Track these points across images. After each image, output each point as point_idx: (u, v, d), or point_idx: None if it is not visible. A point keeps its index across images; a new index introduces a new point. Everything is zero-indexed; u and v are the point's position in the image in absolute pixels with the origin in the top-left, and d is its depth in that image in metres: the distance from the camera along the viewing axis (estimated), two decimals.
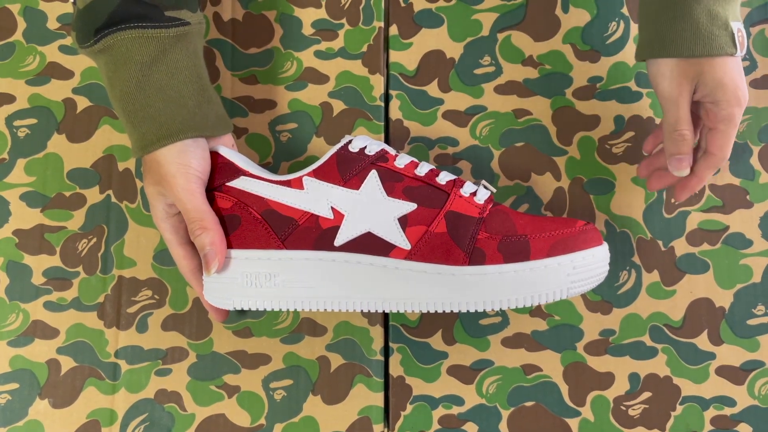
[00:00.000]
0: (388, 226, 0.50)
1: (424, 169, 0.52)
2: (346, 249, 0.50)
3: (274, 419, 0.57)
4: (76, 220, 0.60)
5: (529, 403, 0.58)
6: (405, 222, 0.50)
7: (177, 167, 0.50)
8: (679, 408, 0.58)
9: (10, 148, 0.60)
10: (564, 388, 0.58)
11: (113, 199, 0.60)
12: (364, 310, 0.50)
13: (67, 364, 0.58)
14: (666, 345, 0.58)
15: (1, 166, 0.60)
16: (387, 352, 0.59)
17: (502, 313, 0.59)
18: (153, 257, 0.59)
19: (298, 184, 0.51)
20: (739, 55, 0.53)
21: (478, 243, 0.50)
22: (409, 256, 0.50)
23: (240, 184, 0.51)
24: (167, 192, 0.51)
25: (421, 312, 0.50)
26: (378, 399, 0.58)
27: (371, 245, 0.50)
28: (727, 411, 0.58)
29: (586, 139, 0.61)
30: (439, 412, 0.58)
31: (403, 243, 0.50)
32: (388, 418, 0.58)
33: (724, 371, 0.58)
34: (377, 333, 0.58)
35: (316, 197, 0.51)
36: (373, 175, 0.51)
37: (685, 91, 0.53)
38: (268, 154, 0.61)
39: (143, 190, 0.58)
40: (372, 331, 0.58)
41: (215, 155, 0.52)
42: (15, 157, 0.60)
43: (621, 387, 0.58)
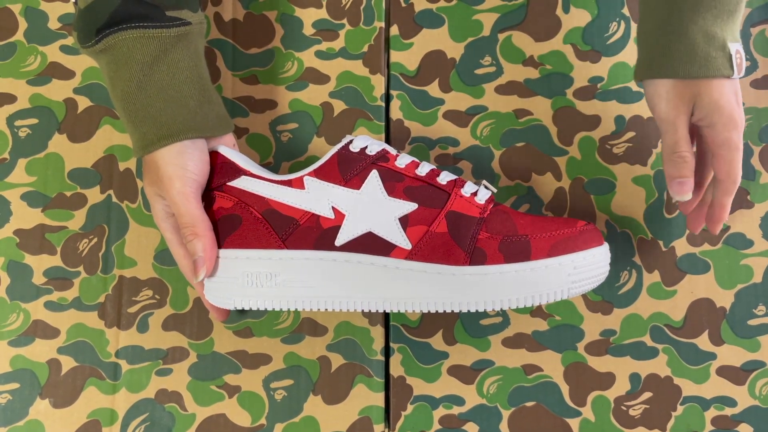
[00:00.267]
0: (389, 226, 0.50)
1: (424, 169, 0.52)
2: (347, 249, 0.50)
3: (274, 419, 0.57)
4: (76, 220, 0.60)
5: (529, 403, 0.58)
6: (406, 222, 0.50)
7: (174, 169, 0.50)
8: (679, 408, 0.58)
9: (11, 148, 0.60)
10: (565, 389, 0.58)
11: (114, 199, 0.60)
12: (364, 310, 0.50)
13: (67, 363, 0.58)
14: (667, 345, 0.58)
15: (2, 166, 0.60)
16: (388, 352, 0.59)
17: (503, 314, 0.59)
18: (154, 257, 0.59)
19: (299, 184, 0.51)
20: (737, 77, 0.52)
21: (479, 243, 0.50)
22: (409, 255, 0.50)
23: (241, 183, 0.51)
24: (163, 194, 0.51)
25: (422, 312, 0.50)
26: (379, 399, 0.58)
27: (372, 245, 0.50)
28: (728, 411, 0.57)
29: (586, 139, 0.61)
30: (440, 412, 0.58)
31: (403, 243, 0.50)
32: (389, 418, 0.58)
33: (724, 371, 0.58)
34: (378, 333, 0.58)
35: (316, 197, 0.51)
36: (373, 175, 0.51)
37: (682, 112, 0.52)
38: (269, 154, 0.61)
39: (144, 190, 0.58)
40: (373, 331, 0.58)
41: (216, 155, 0.52)
42: (16, 157, 0.60)
43: (622, 387, 0.58)
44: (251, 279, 0.51)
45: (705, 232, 0.60)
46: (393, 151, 0.53)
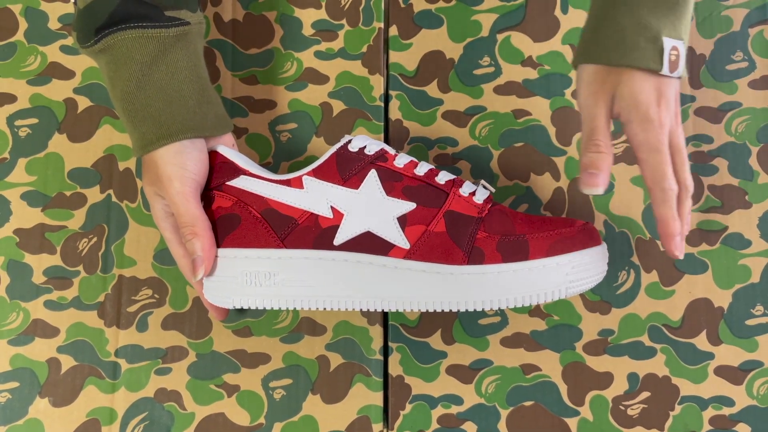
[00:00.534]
0: (388, 226, 0.50)
1: (423, 168, 0.52)
2: (346, 248, 0.50)
3: (273, 418, 0.57)
4: (76, 220, 0.60)
5: (528, 403, 0.58)
6: (404, 221, 0.50)
7: (173, 169, 0.50)
8: (677, 408, 0.58)
9: (11, 147, 0.61)
10: (563, 388, 0.58)
11: (114, 198, 0.60)
12: (363, 309, 0.51)
13: (67, 362, 0.58)
14: (665, 345, 0.58)
15: (2, 165, 0.60)
16: (386, 351, 0.59)
17: (501, 313, 0.59)
18: (153, 256, 0.59)
19: (297, 184, 0.51)
20: (667, 74, 0.49)
21: (477, 242, 0.50)
22: (408, 255, 0.50)
23: (240, 183, 0.52)
24: (162, 193, 0.51)
25: (420, 311, 0.50)
26: (377, 398, 0.58)
27: (370, 244, 0.50)
28: (726, 411, 0.58)
29: None
30: (438, 411, 0.58)
31: (402, 242, 0.50)
32: (388, 417, 0.58)
33: (722, 371, 0.58)
34: (376, 332, 0.58)
35: (315, 196, 0.51)
36: (372, 175, 0.51)
37: (602, 100, 0.50)
38: (268, 154, 0.61)
39: (143, 189, 0.58)
40: (371, 330, 0.58)
41: (215, 155, 0.52)
42: (16, 156, 0.60)
43: (620, 387, 0.58)
44: (250, 278, 0.51)
45: (703, 232, 0.60)
46: (392, 150, 0.53)
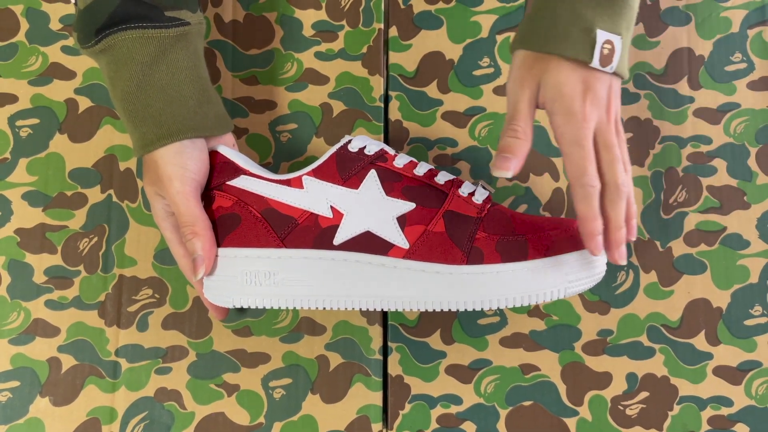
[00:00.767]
0: (387, 226, 0.50)
1: (422, 169, 0.52)
2: (345, 248, 0.51)
3: (273, 418, 0.57)
4: (77, 220, 0.60)
5: (527, 403, 0.58)
6: (404, 221, 0.51)
7: (173, 168, 0.50)
8: (676, 408, 0.58)
9: (13, 147, 0.61)
10: (562, 388, 0.58)
11: (114, 198, 0.60)
12: (362, 309, 0.51)
13: (67, 362, 0.58)
14: (663, 345, 0.59)
15: (4, 165, 0.60)
16: (386, 351, 0.59)
17: (501, 313, 0.59)
18: (154, 256, 0.59)
19: (297, 184, 0.51)
20: (598, 67, 0.47)
21: (476, 242, 0.50)
22: (407, 255, 0.50)
23: (240, 183, 0.52)
24: (163, 193, 0.51)
25: (419, 311, 0.50)
26: (377, 398, 0.58)
27: (370, 244, 0.50)
28: (725, 411, 0.58)
29: None
30: (438, 411, 0.58)
31: (401, 242, 0.50)
32: (387, 417, 0.58)
33: (721, 371, 0.58)
34: (376, 332, 0.59)
35: (315, 196, 0.51)
36: (372, 175, 0.51)
37: (527, 87, 0.49)
38: (269, 154, 0.61)
39: (144, 189, 0.58)
40: (371, 330, 0.59)
41: (215, 154, 0.53)
42: (17, 156, 0.61)
43: (618, 387, 0.58)
44: (250, 277, 0.51)
45: (701, 232, 0.60)
46: (391, 151, 0.53)
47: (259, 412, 0.57)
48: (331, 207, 0.51)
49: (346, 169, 0.51)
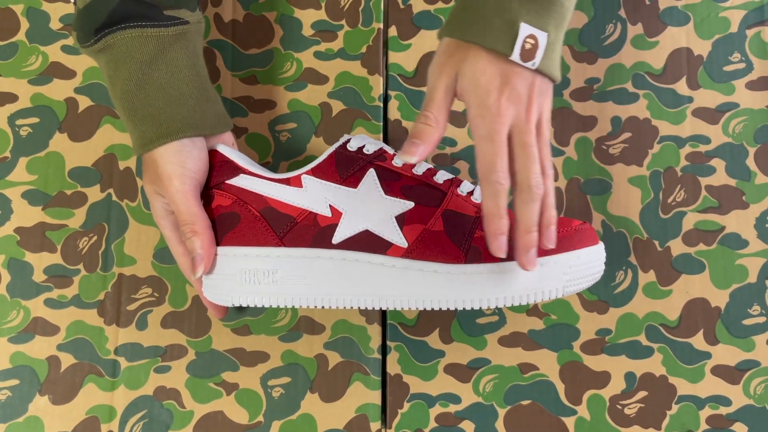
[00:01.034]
0: (386, 224, 0.51)
1: (421, 168, 0.53)
2: (344, 247, 0.51)
3: (272, 417, 0.58)
4: (77, 218, 0.60)
5: (525, 402, 0.58)
6: (402, 220, 0.51)
7: (173, 167, 0.50)
8: (674, 407, 0.58)
9: (13, 146, 0.61)
10: (560, 387, 0.58)
11: (114, 197, 0.60)
12: (361, 308, 0.51)
13: (67, 360, 0.58)
14: (662, 344, 0.59)
15: (4, 164, 0.61)
16: (384, 350, 0.59)
17: (499, 312, 0.59)
18: (153, 255, 0.60)
19: (296, 183, 0.52)
20: (518, 61, 0.46)
21: (475, 241, 0.50)
22: (406, 254, 0.50)
23: (239, 181, 0.52)
24: (162, 192, 0.51)
25: (418, 310, 0.50)
26: (375, 397, 0.58)
27: (369, 243, 0.51)
28: (723, 410, 0.58)
29: (583, 139, 0.61)
30: (436, 410, 0.58)
31: (400, 241, 0.50)
32: (386, 415, 0.58)
33: (719, 371, 0.58)
34: (375, 331, 0.59)
35: (314, 195, 0.51)
36: (371, 174, 0.52)
37: (445, 74, 0.47)
38: (268, 153, 0.61)
39: (143, 188, 0.58)
40: (370, 329, 0.59)
41: (215, 153, 0.53)
42: (17, 155, 0.61)
43: (617, 386, 0.58)
44: (249, 276, 0.51)
45: (700, 232, 0.60)
46: (390, 150, 0.53)
47: (258, 411, 0.58)
48: (330, 206, 0.51)
49: (345, 169, 0.52)
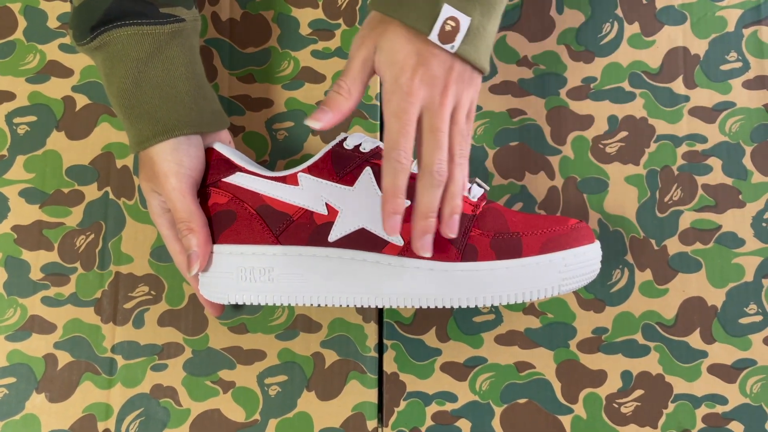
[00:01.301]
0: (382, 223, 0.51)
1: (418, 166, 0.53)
2: (340, 245, 0.51)
3: (268, 415, 0.58)
4: (74, 217, 0.60)
5: (522, 400, 0.58)
6: None
7: (169, 165, 0.50)
8: (671, 406, 0.58)
9: (10, 144, 0.61)
10: (557, 386, 0.58)
11: (111, 196, 0.60)
12: (357, 305, 0.51)
13: (63, 358, 0.58)
14: (658, 343, 0.59)
15: (1, 162, 0.61)
16: (381, 348, 0.59)
17: (496, 311, 0.59)
18: (150, 254, 0.60)
19: (293, 181, 0.52)
20: (437, 42, 0.46)
21: (471, 240, 0.50)
22: (402, 252, 0.50)
23: (236, 179, 0.52)
24: (159, 190, 0.51)
25: (414, 308, 0.50)
26: (372, 395, 0.58)
27: (365, 241, 0.51)
28: (719, 409, 0.58)
29: (579, 138, 0.61)
30: (433, 408, 0.58)
31: (396, 239, 0.50)
32: (382, 414, 0.58)
33: (716, 369, 0.58)
34: (371, 330, 0.59)
35: (310, 193, 0.51)
36: (367, 172, 0.52)
37: (365, 46, 0.48)
38: (265, 152, 0.61)
39: (140, 186, 0.58)
40: (366, 327, 0.59)
41: (211, 151, 0.53)
42: (14, 153, 0.61)
43: (613, 384, 0.58)
44: (245, 274, 0.51)
45: (696, 231, 0.60)
46: None
47: (254, 409, 0.58)
48: (326, 204, 0.51)
49: (342, 167, 0.52)
